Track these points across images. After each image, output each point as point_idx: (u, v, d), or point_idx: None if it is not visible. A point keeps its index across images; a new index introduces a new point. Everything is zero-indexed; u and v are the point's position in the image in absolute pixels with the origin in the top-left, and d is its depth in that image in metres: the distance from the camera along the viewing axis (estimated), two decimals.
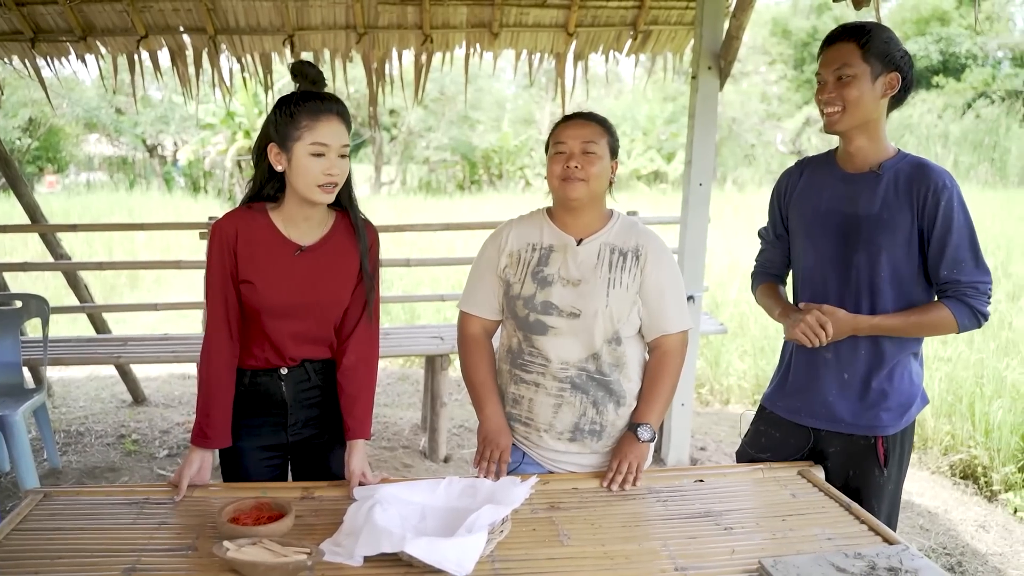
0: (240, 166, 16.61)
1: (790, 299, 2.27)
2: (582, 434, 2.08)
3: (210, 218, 4.85)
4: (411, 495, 1.78)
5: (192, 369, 5.65)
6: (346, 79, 4.82)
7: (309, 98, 1.86)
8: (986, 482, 4.22)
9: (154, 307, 4.76)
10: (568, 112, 2.13)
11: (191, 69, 4.65)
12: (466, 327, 2.19)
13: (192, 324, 7.14)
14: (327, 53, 4.72)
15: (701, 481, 2.07)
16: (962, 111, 20.61)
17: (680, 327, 2.08)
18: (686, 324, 2.10)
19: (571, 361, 2.04)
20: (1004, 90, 20.69)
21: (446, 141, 22.40)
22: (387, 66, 4.83)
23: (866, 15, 2.83)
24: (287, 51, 4.62)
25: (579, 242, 2.06)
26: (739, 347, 6.04)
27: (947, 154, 18.90)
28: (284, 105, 1.87)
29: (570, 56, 4.91)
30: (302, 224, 1.97)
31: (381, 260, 2.13)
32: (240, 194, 16.63)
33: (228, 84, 4.75)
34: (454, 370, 5.77)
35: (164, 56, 4.63)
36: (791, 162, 2.52)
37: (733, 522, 1.84)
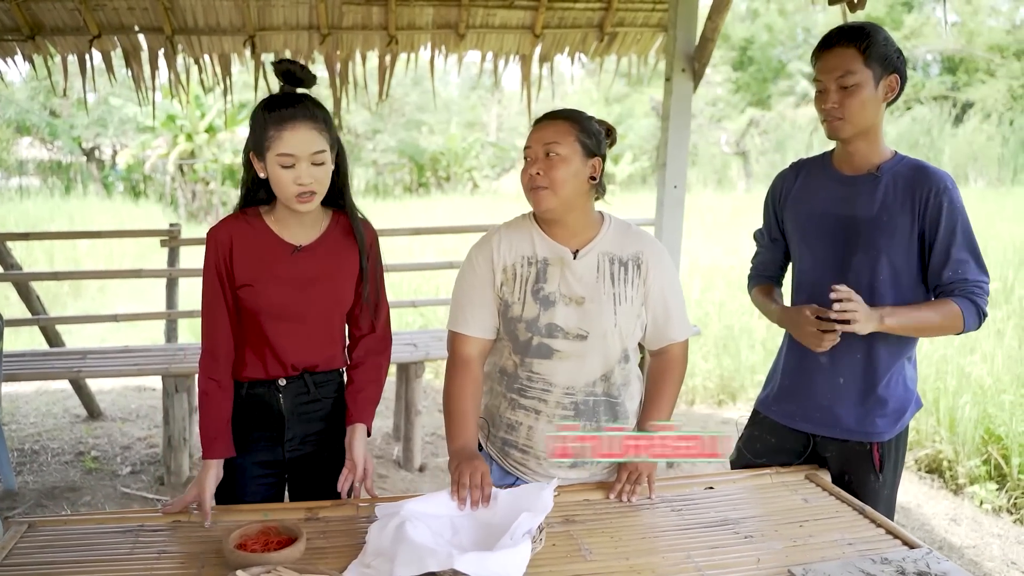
0: (182, 170, 16.19)
1: (787, 302, 2.25)
2: (582, 460, 1.98)
3: (171, 225, 4.71)
4: (436, 508, 1.71)
5: (149, 381, 5.46)
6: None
7: (275, 105, 1.78)
8: (952, 476, 4.31)
9: (114, 318, 4.57)
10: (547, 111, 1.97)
11: (146, 70, 4.47)
12: (459, 349, 2.00)
13: (151, 334, 6.89)
14: (288, 54, 4.59)
15: (711, 488, 2.05)
16: (899, 113, 21.20)
17: (685, 334, 2.04)
18: (690, 331, 2.06)
19: (578, 386, 1.95)
20: (932, 95, 21.35)
21: (393, 144, 22.19)
22: (350, 68, 4.73)
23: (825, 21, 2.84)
24: (247, 52, 4.49)
25: (575, 254, 1.94)
26: (702, 347, 6.07)
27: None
28: (255, 113, 1.81)
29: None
30: (295, 226, 1.92)
31: None
32: (182, 199, 16.23)
33: (185, 86, 4.59)
34: (430, 375, 5.69)
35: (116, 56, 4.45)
36: (735, 162, 2.51)
37: (752, 530, 1.82)
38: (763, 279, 2.31)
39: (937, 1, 21.13)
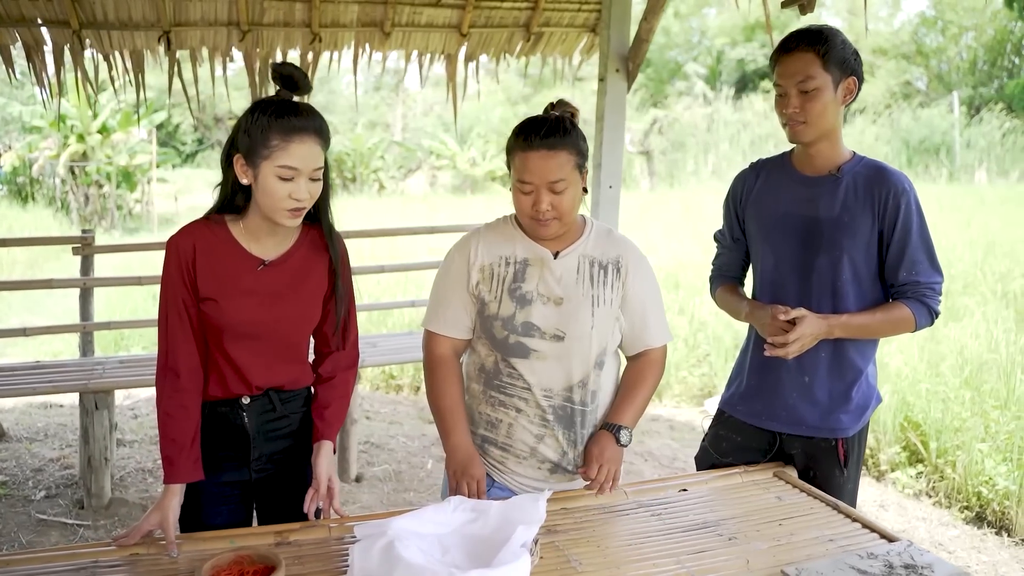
0: (73, 172, 15.32)
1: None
2: (562, 470, 2.00)
3: (84, 231, 4.43)
4: (420, 526, 1.64)
5: (56, 398, 5.13)
6: (226, 81, 4.51)
7: (285, 112, 1.67)
8: (874, 463, 4.48)
9: (23, 332, 4.25)
10: (531, 117, 1.93)
11: (50, 67, 4.19)
12: (434, 348, 2.02)
13: (52, 348, 6.49)
14: (206, 52, 4.38)
15: (685, 490, 2.04)
16: None
17: (663, 340, 2.04)
18: (668, 337, 2.06)
19: (555, 389, 1.94)
20: None
21: None
22: (270, 67, 4.55)
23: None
24: (161, 49, 4.26)
25: (556, 255, 1.95)
26: None
27: (778, 152, 20.18)
28: (256, 115, 1.68)
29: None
30: (266, 238, 1.81)
31: None
32: (74, 203, 15.39)
33: (94, 84, 4.32)
34: (363, 384, 5.55)
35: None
36: (639, 162, 2.53)
37: (733, 531, 1.82)
38: (727, 279, 2.33)
39: (822, 7, 22.05)
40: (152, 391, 5.32)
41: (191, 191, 20.25)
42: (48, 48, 4.12)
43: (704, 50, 28.81)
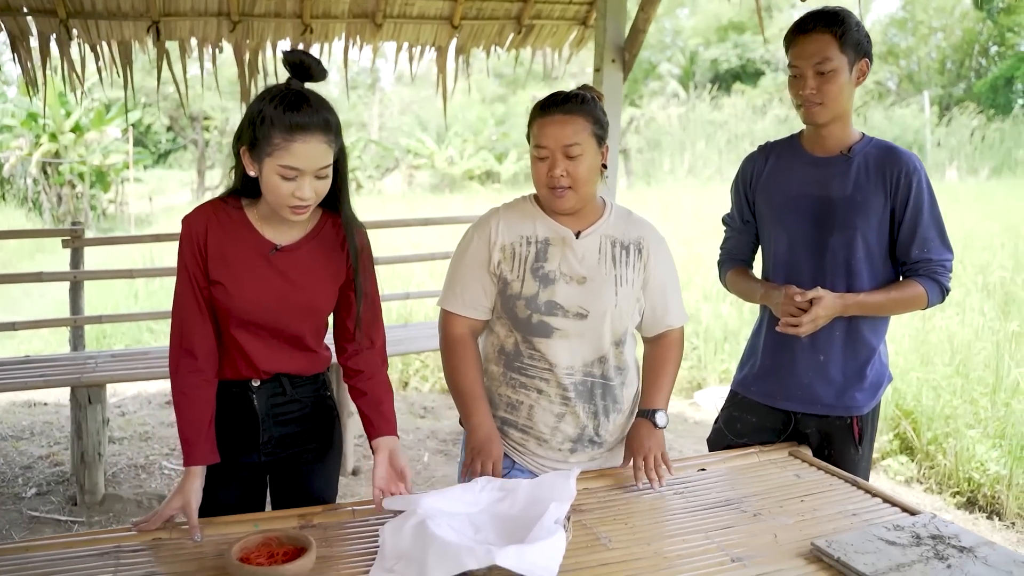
0: (46, 172, 15.06)
1: None
2: (583, 445, 1.99)
3: (74, 223, 4.36)
4: (450, 505, 1.62)
5: (40, 395, 5.04)
6: (215, 72, 4.46)
7: (290, 107, 1.59)
8: None
9: (12, 327, 4.16)
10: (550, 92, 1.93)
11: (36, 57, 4.11)
12: (451, 328, 2.01)
13: (34, 346, 6.37)
14: (195, 43, 4.33)
15: (703, 470, 2.05)
16: (761, 112, 22.26)
17: (681, 321, 2.05)
18: (685, 317, 2.07)
19: (577, 366, 1.94)
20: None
21: None
22: (260, 58, 4.52)
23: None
24: (150, 40, 4.20)
25: (577, 235, 1.94)
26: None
27: (752, 149, 20.37)
28: (261, 106, 1.61)
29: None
30: (280, 224, 1.76)
31: None
32: (47, 203, 15.14)
33: (80, 75, 4.25)
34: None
35: None
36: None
37: (757, 507, 1.82)
38: (737, 262, 2.34)
39: (793, 8, 22.28)
40: (140, 387, 5.31)
41: (165, 192, 20.01)
42: (34, 37, 4.05)
43: (678, 50, 28.98)
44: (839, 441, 2.15)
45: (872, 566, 1.49)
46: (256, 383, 1.83)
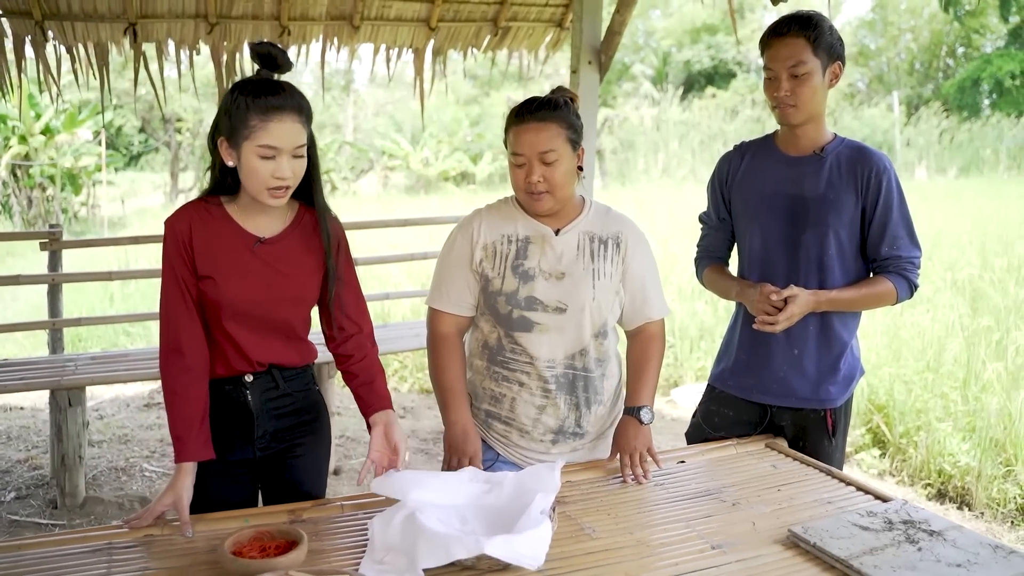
0: (15, 175, 14.87)
1: None
2: (564, 436, 2.05)
3: (52, 226, 4.33)
4: (436, 497, 1.66)
5: (15, 399, 5.00)
6: (193, 74, 4.46)
7: (261, 92, 1.68)
8: None
9: None
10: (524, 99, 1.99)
11: (11, 59, 4.08)
12: (438, 325, 2.07)
13: (20, 348, 6.30)
14: (172, 44, 4.32)
15: (683, 462, 2.10)
16: (733, 113, 22.49)
17: (661, 313, 2.10)
18: (666, 310, 2.12)
19: (558, 359, 1.99)
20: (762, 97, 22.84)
21: None
22: (238, 60, 4.52)
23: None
24: (126, 42, 4.19)
25: (556, 232, 2.00)
26: None
27: (726, 149, 20.58)
28: (236, 96, 1.68)
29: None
30: (260, 216, 1.82)
31: None
32: (16, 207, 14.93)
33: (56, 77, 4.23)
34: (337, 380, 5.48)
35: None
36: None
37: (736, 497, 1.88)
38: (713, 259, 2.39)
39: (766, 10, 22.54)
40: (118, 390, 5.28)
41: (137, 194, 19.81)
42: (8, 39, 4.03)
43: (651, 51, 29.18)
44: (813, 433, 2.22)
45: (847, 550, 1.55)
46: (249, 378, 1.86)
